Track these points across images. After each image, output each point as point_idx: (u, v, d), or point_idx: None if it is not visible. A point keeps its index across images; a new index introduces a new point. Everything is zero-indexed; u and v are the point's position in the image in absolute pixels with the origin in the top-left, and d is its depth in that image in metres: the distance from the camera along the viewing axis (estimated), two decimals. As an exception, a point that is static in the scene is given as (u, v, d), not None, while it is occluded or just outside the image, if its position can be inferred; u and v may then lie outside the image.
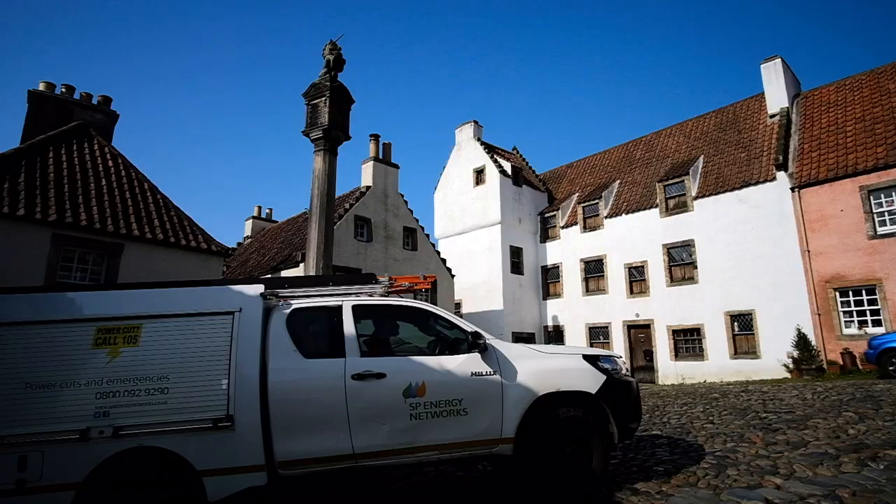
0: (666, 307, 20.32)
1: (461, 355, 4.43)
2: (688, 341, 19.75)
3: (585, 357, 4.73)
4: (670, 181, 21.20)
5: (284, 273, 18.05)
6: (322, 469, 4.01)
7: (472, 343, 4.41)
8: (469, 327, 4.55)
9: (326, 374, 4.13)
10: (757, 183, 18.52)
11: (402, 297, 5.04)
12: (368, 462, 4.08)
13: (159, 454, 3.74)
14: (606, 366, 4.73)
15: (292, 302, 4.45)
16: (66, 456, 3.60)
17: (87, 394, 3.74)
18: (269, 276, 17.90)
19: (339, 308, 4.47)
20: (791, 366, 16.04)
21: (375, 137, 20.43)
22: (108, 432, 3.67)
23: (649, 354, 20.70)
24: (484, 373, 4.36)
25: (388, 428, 4.10)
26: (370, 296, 4.74)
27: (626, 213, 22.38)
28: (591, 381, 4.57)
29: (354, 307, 4.50)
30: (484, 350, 4.40)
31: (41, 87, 13.79)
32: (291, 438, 3.93)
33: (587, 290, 23.32)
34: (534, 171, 30.02)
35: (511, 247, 24.64)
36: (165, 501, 3.72)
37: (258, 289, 4.36)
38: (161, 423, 3.76)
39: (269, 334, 4.18)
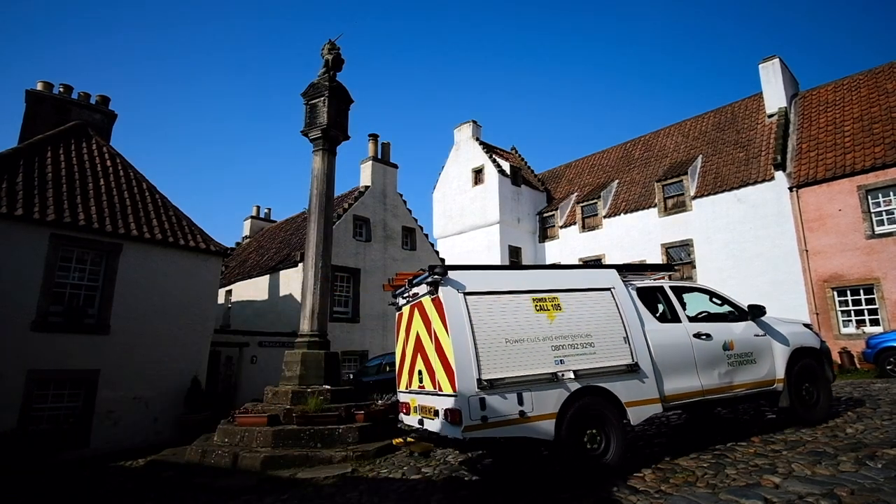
0: (664, 307, 20.30)
1: (744, 322, 6.31)
2: (686, 341, 19.74)
3: (804, 324, 6.93)
4: (669, 181, 21.21)
5: (283, 272, 18.04)
6: (687, 402, 5.58)
7: (752, 313, 6.34)
8: (741, 303, 6.54)
9: (679, 334, 5.79)
10: (755, 183, 18.54)
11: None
12: (709, 397, 5.70)
13: (600, 391, 5.05)
14: (815, 331, 6.81)
15: (634, 282, 6.08)
16: (546, 393, 4.80)
17: (546, 346, 4.99)
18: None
19: (663, 287, 6.22)
20: (789, 365, 16.05)
21: (374, 137, 20.40)
22: (570, 375, 4.93)
23: (648, 354, 20.70)
24: (760, 334, 6.26)
25: (717, 372, 5.78)
26: (664, 279, 6.77)
27: (625, 213, 22.39)
28: (815, 340, 6.65)
29: (671, 287, 6.28)
30: (756, 318, 6.33)
31: (39, 86, 13.75)
32: (668, 379, 5.45)
33: (586, 290, 23.29)
34: (532, 171, 30.03)
35: (510, 246, 24.65)
36: (607, 429, 5.00)
37: (614, 272, 5.90)
38: (597, 369, 5.09)
39: (635, 305, 5.69)
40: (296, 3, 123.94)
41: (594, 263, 5.67)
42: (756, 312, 6.32)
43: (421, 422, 5.30)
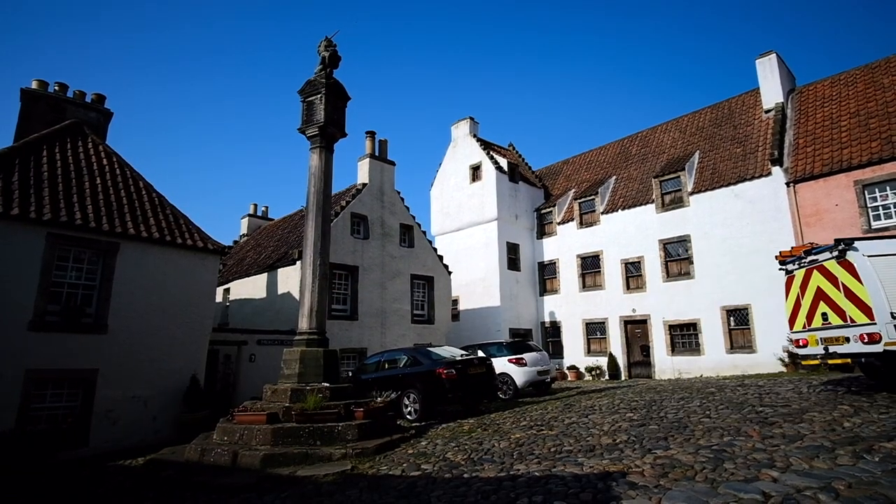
0: (662, 302, 20.39)
1: None
2: (684, 336, 19.84)
3: None
4: (666, 177, 21.24)
5: (281, 270, 18.02)
6: None
7: None
8: None
9: None
10: (752, 178, 18.58)
11: None
12: None
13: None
14: None
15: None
16: None
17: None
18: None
19: None
20: (787, 360, 16.14)
21: (371, 134, 20.35)
22: (892, 326, 7.12)
23: (646, 350, 20.78)
24: None
25: None
26: None
27: (623, 209, 22.42)
28: None
29: None
30: None
31: (34, 85, 13.66)
32: None
33: (584, 286, 23.37)
34: (530, 168, 30.03)
35: (508, 243, 24.66)
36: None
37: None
38: None
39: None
40: (293, 2, 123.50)
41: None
42: None
43: (826, 349, 7.77)
